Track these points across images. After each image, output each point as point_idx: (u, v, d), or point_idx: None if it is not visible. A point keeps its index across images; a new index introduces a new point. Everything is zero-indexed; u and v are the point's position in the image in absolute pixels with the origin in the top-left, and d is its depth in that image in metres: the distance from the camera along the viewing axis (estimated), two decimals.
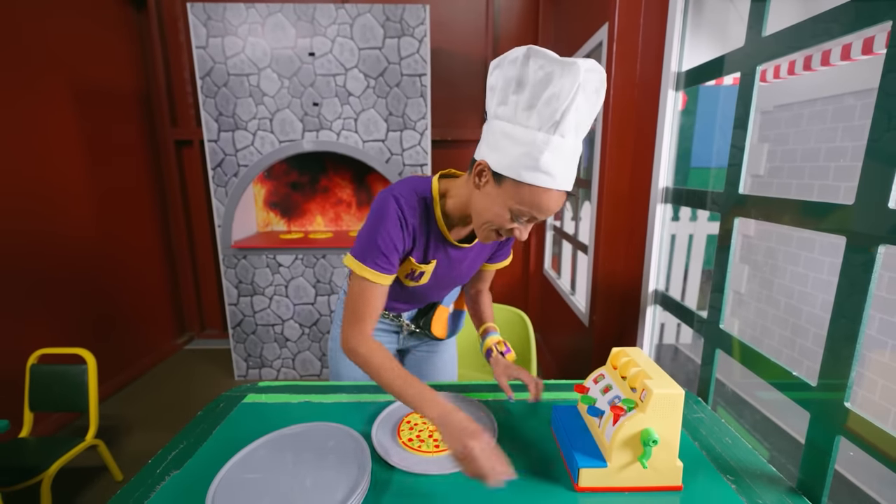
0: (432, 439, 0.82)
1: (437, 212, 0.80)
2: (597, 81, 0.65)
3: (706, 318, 1.03)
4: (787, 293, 2.47)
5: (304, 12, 2.11)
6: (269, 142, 2.24)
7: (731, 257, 0.94)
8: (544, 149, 0.64)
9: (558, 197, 0.68)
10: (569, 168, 0.67)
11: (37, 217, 1.96)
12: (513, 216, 0.70)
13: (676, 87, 1.16)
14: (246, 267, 2.34)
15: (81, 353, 1.60)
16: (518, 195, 0.68)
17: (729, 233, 0.93)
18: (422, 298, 0.99)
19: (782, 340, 2.51)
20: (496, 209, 0.71)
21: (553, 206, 0.68)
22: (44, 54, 1.99)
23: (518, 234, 0.73)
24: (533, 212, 0.69)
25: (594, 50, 1.74)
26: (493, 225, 0.73)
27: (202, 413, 0.96)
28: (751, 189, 2.89)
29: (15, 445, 1.50)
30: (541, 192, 0.67)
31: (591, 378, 0.86)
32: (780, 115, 2.53)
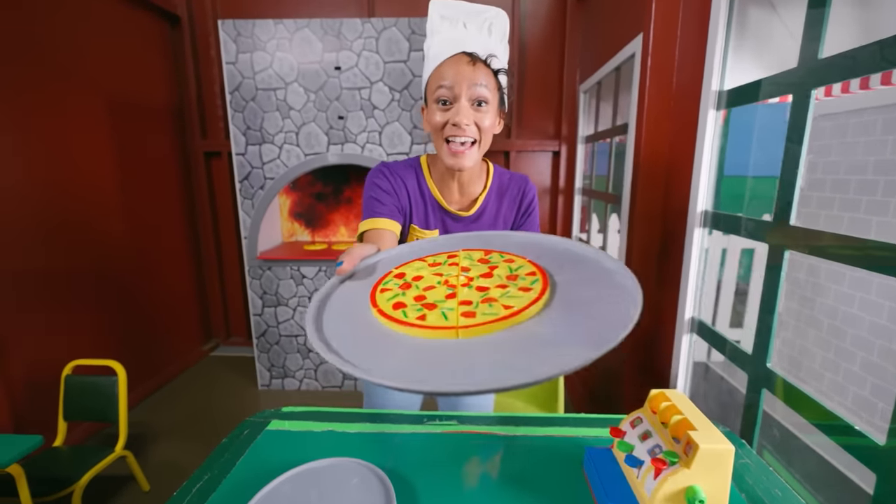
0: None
1: (427, 175, 0.85)
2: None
3: (751, 354, 0.96)
4: (830, 313, 2.34)
5: (331, 27, 2.12)
6: (295, 155, 2.26)
7: (780, 291, 0.88)
8: (430, 49, 0.76)
9: (455, 60, 0.73)
10: (455, 41, 0.73)
11: (72, 227, 2.03)
12: (437, 105, 0.74)
13: (717, 107, 1.10)
14: (270, 278, 2.37)
15: (113, 364, 1.64)
16: (430, 89, 0.76)
17: (778, 267, 0.87)
18: None
19: (825, 363, 2.37)
20: (430, 117, 0.76)
21: (453, 69, 0.72)
22: (81, 69, 2.07)
23: (452, 119, 0.73)
24: (440, 83, 0.73)
25: (626, 61, 1.69)
26: (437, 131, 0.76)
27: (227, 441, 0.95)
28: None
29: (49, 455, 1.54)
30: (437, 71, 0.74)
31: (628, 421, 0.81)
32: (823, 125, 2.40)
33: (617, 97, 1.91)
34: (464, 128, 0.72)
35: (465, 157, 0.75)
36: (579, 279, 0.55)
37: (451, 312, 0.49)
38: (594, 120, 2.37)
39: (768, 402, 0.93)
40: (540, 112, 2.74)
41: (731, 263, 2.77)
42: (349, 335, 0.49)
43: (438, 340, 0.46)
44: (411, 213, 0.85)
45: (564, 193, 2.79)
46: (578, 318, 0.46)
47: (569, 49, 2.60)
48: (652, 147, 1.39)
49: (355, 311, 0.54)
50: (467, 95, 0.72)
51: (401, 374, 0.40)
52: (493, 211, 0.89)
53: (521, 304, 0.49)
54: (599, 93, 2.21)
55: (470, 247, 0.70)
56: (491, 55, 0.75)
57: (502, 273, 0.59)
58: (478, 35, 0.75)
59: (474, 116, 0.73)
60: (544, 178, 2.83)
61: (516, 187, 0.89)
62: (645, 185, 1.41)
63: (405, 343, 0.46)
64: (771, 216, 0.88)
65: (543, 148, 2.74)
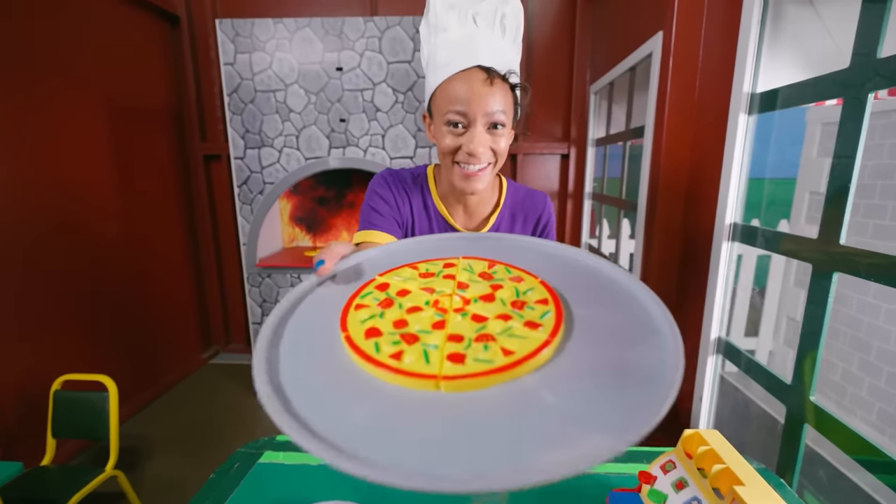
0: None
1: (432, 189, 0.77)
2: None
3: (790, 384, 0.87)
4: (853, 324, 2.23)
5: (333, 26, 2.04)
6: (296, 159, 2.19)
7: (828, 316, 0.79)
8: (436, 51, 0.66)
9: (468, 76, 0.63)
10: (467, 50, 0.63)
11: (65, 231, 1.96)
12: (448, 128, 0.65)
13: (749, 111, 1.01)
14: (270, 286, 2.30)
15: (103, 380, 1.56)
16: (438, 105, 0.66)
17: (825, 290, 0.78)
18: None
19: (846, 376, 2.27)
20: (439, 137, 0.67)
21: (466, 87, 0.63)
22: (78, 69, 2.00)
23: (466, 147, 0.65)
24: (453, 106, 0.64)
25: (641, 62, 1.60)
26: (447, 155, 0.67)
27: (214, 477, 0.87)
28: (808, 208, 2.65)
29: (36, 475, 1.47)
30: (449, 84, 0.64)
31: (658, 464, 0.73)
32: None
33: (631, 99, 1.82)
34: (479, 156, 0.65)
35: (479, 181, 0.68)
36: (604, 317, 0.43)
37: (435, 352, 0.38)
38: (605, 122, 2.28)
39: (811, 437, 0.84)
40: (548, 114, 2.65)
41: (747, 270, 2.67)
42: (308, 370, 0.38)
43: (415, 392, 0.35)
44: (413, 229, 0.77)
45: (573, 198, 2.70)
46: (600, 381, 0.35)
47: (578, 48, 2.51)
48: (672, 153, 1.30)
49: (323, 335, 0.43)
50: (483, 121, 0.64)
51: (362, 445, 0.30)
52: (507, 231, 0.80)
53: (524, 350, 0.38)
54: (612, 94, 2.12)
55: (474, 254, 0.58)
56: (510, 71, 0.66)
57: (506, 296, 0.47)
58: (490, 34, 0.65)
59: (490, 141, 0.65)
60: (552, 182, 2.75)
61: (532, 206, 0.80)
62: (665, 194, 1.32)
63: (374, 392, 0.35)
64: (788, 222, 0.79)
65: (552, 151, 2.66)
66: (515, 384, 0.35)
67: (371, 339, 0.41)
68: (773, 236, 0.94)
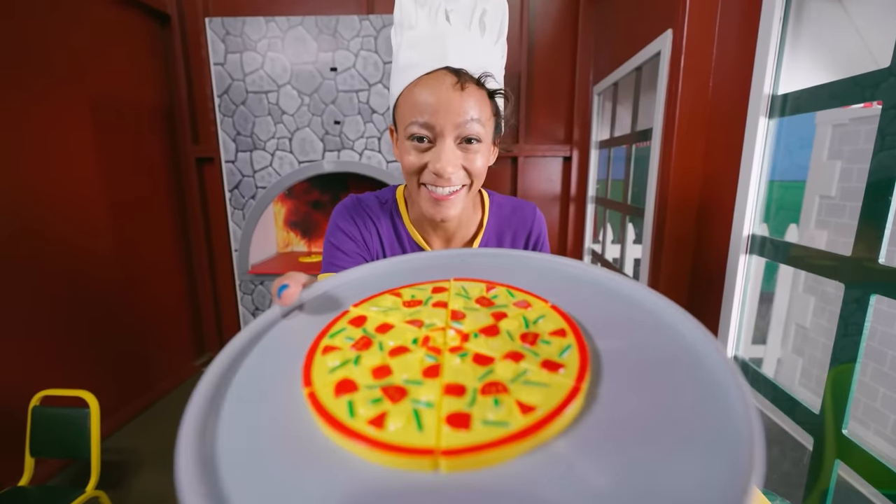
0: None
1: (403, 213, 0.67)
2: None
3: (818, 413, 0.80)
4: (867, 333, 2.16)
5: (327, 25, 1.97)
6: (289, 162, 2.11)
7: (863, 342, 0.72)
8: (399, 50, 0.57)
9: (433, 80, 0.53)
10: (434, 48, 0.53)
11: (54, 234, 1.89)
12: (412, 143, 0.55)
13: (770, 115, 0.94)
14: (263, 293, 2.22)
15: (84, 395, 1.49)
16: (403, 115, 0.56)
17: (861, 313, 0.70)
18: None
19: (860, 388, 2.20)
20: (402, 154, 0.57)
21: (433, 95, 0.52)
22: (65, 69, 1.93)
23: (433, 166, 0.54)
24: (417, 117, 0.53)
25: (649, 61, 1.52)
26: (412, 175, 0.57)
27: None
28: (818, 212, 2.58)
29: (12, 496, 1.40)
30: (412, 90, 0.54)
31: None
32: (858, 129, 2.22)
33: (637, 100, 1.74)
34: (448, 177, 0.54)
35: (450, 206, 0.57)
36: (637, 349, 0.34)
37: (430, 413, 0.28)
38: (609, 124, 2.21)
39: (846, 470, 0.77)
40: (550, 115, 2.57)
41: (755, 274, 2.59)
42: (256, 438, 0.28)
43: (405, 474, 0.25)
44: (384, 257, 0.68)
45: (576, 201, 2.62)
46: (655, 442, 0.25)
47: (581, 47, 2.44)
48: (684, 158, 1.23)
49: (283, 387, 0.33)
50: (453, 134, 0.53)
51: None
52: None
53: (549, 404, 0.27)
54: (616, 95, 2.04)
55: (467, 274, 0.47)
56: (486, 73, 0.55)
57: (514, 328, 0.37)
58: (466, 33, 0.55)
59: (462, 159, 0.55)
60: (554, 185, 2.67)
61: (521, 221, 0.71)
62: (676, 201, 1.24)
63: (346, 474, 0.25)
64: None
65: (554, 153, 2.58)
66: (543, 455, 0.25)
67: (343, 395, 0.30)
68: (796, 251, 0.86)
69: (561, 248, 2.71)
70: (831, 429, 0.77)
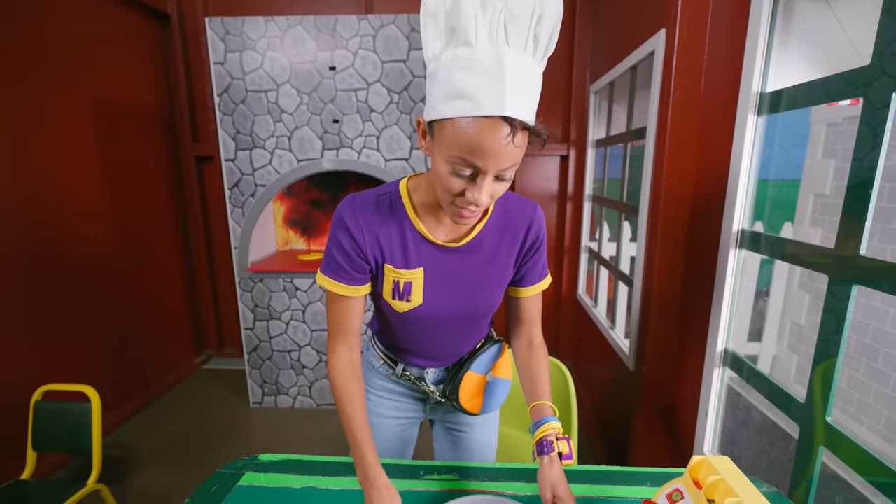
0: None
1: (407, 204, 0.71)
2: None
3: (803, 402, 0.82)
4: (859, 330, 2.18)
5: (325, 24, 1.99)
6: (288, 160, 2.13)
7: (846, 332, 0.74)
8: (453, 67, 0.53)
9: (489, 127, 0.52)
10: (493, 87, 0.51)
11: (56, 232, 1.91)
12: (453, 171, 0.57)
13: (759, 112, 0.96)
14: (262, 290, 2.24)
15: (86, 390, 1.51)
16: (446, 139, 0.56)
17: (842, 303, 0.72)
18: (436, 344, 0.82)
19: (852, 383, 2.22)
20: (438, 168, 0.59)
21: (486, 141, 0.53)
22: (66, 69, 1.95)
23: (471, 196, 0.58)
24: (464, 155, 0.55)
25: (643, 60, 1.54)
26: (446, 193, 0.61)
27: (190, 501, 0.82)
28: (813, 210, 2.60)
29: (15, 489, 1.41)
30: (464, 125, 0.53)
31: (665, 493, 0.68)
32: (851, 128, 2.24)
33: (632, 99, 1.76)
34: (483, 206, 0.60)
35: (473, 219, 0.65)
36: None
37: None
38: (606, 123, 2.23)
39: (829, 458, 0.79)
40: (547, 114, 2.60)
41: (750, 272, 2.62)
42: None
43: None
44: (384, 258, 0.72)
45: (573, 200, 2.65)
46: None
47: (578, 47, 2.46)
48: (676, 155, 1.25)
49: None
50: (494, 173, 0.57)
51: None
52: (493, 242, 0.75)
53: None
54: (612, 94, 2.06)
55: None
56: (534, 126, 0.57)
57: None
58: (521, 58, 0.53)
59: (493, 190, 0.60)
60: (552, 184, 2.69)
61: (521, 219, 0.75)
62: (669, 197, 1.26)
63: None
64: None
65: (551, 152, 2.60)
66: None
67: None
68: (782, 244, 0.89)
69: (558, 245, 2.73)
70: (815, 417, 0.79)
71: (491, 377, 0.88)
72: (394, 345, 0.86)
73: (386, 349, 0.89)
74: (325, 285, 0.73)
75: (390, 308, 0.76)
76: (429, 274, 0.73)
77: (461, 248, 0.73)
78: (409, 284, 0.72)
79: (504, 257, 0.76)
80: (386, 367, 0.89)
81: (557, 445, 0.70)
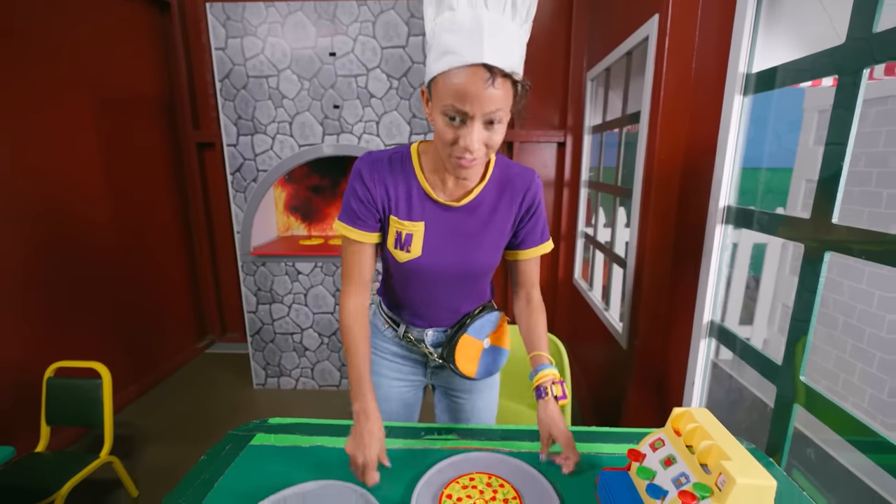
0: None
1: (416, 163, 0.79)
2: None
3: (780, 364, 0.87)
4: (846, 311, 2.25)
5: (325, 10, 2.01)
6: (289, 146, 2.16)
7: (818, 296, 0.79)
8: (440, 31, 0.63)
9: (471, 74, 0.61)
10: (473, 40, 0.60)
11: (59, 221, 1.95)
12: (446, 121, 0.65)
13: (745, 92, 1.00)
14: (265, 274, 2.29)
15: (96, 366, 1.56)
16: (439, 92, 0.65)
17: (816, 272, 0.77)
18: (434, 301, 0.87)
19: (839, 363, 2.29)
20: (436, 123, 0.67)
21: (469, 87, 0.61)
22: (67, 56, 1.97)
23: (462, 142, 0.65)
24: (453, 101, 0.63)
25: (639, 45, 1.58)
26: (444, 145, 0.68)
27: (205, 458, 0.87)
28: (805, 195, 2.65)
29: (30, 461, 1.47)
30: (451, 76, 0.62)
31: (648, 442, 0.73)
32: None
33: (627, 84, 1.80)
34: (474, 151, 0.66)
35: (472, 170, 0.71)
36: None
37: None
38: (602, 109, 2.26)
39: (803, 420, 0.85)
40: (545, 101, 2.63)
41: (743, 257, 2.67)
42: None
43: None
44: (391, 208, 0.79)
45: (570, 186, 2.69)
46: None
47: (575, 34, 2.48)
48: (668, 137, 1.29)
49: None
50: (482, 118, 0.64)
51: None
52: (491, 204, 0.80)
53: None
54: (608, 80, 2.10)
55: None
56: (513, 71, 0.64)
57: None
58: (500, 18, 0.62)
59: (485, 137, 0.66)
60: (549, 170, 2.73)
61: (520, 183, 0.81)
62: (660, 177, 1.31)
63: None
64: (784, 210, 0.79)
65: (548, 139, 2.64)
66: None
67: None
68: (766, 218, 0.93)
69: (555, 231, 2.78)
70: (790, 378, 0.85)
71: (488, 344, 0.93)
72: (397, 303, 0.91)
73: (390, 311, 0.94)
74: (342, 231, 0.81)
75: (392, 258, 0.82)
76: (429, 228, 0.79)
77: (461, 208, 0.79)
78: (410, 236, 0.78)
79: (501, 219, 0.81)
80: (390, 330, 0.94)
81: (551, 389, 0.79)
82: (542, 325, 0.88)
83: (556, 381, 0.80)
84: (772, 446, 0.89)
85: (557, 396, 0.79)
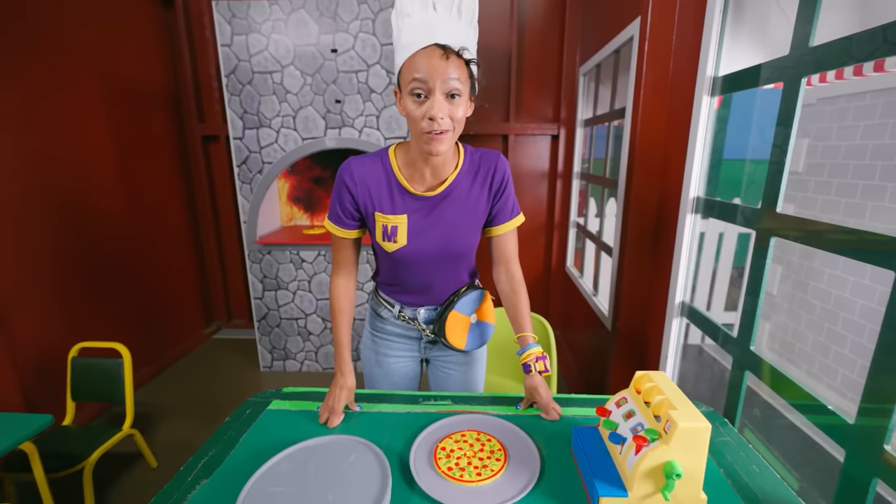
0: (472, 466, 0.78)
1: (393, 162, 0.89)
2: None
3: (735, 337, 0.99)
4: (823, 297, 2.37)
5: (327, 8, 2.09)
6: (293, 139, 2.26)
7: (766, 276, 0.90)
8: (402, 33, 0.78)
9: (428, 53, 0.74)
10: (427, 30, 0.74)
11: (79, 211, 2.05)
12: (413, 100, 0.77)
13: (712, 93, 1.10)
14: (270, 262, 2.40)
15: (118, 347, 1.68)
16: (404, 78, 0.77)
17: (764, 252, 0.89)
18: (423, 282, 0.98)
19: (816, 346, 2.42)
20: (406, 107, 0.78)
21: (426, 64, 0.74)
22: (74, 51, 2.04)
23: (428, 112, 0.76)
24: (415, 76, 0.75)
25: (624, 45, 1.67)
26: (415, 123, 0.78)
27: (230, 420, 0.99)
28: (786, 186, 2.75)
29: (59, 434, 1.59)
30: (413, 60, 0.75)
31: (614, 401, 0.85)
32: (824, 109, 2.38)
33: (616, 80, 1.89)
34: (439, 121, 0.76)
35: (441, 143, 0.79)
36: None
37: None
38: (593, 103, 2.36)
39: (756, 383, 0.97)
40: (539, 95, 2.71)
41: (728, 247, 2.79)
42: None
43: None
44: (374, 206, 0.90)
45: (563, 178, 2.79)
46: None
47: (569, 30, 2.56)
48: (648, 132, 1.39)
49: None
50: (441, 89, 0.75)
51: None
52: (465, 190, 0.90)
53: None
54: (599, 75, 2.19)
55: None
56: (463, 47, 0.77)
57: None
58: (447, 19, 0.76)
59: (448, 109, 0.76)
60: (543, 163, 2.83)
61: (487, 165, 0.91)
62: (641, 170, 1.41)
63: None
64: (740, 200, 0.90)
65: (542, 132, 2.73)
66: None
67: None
68: (726, 208, 1.04)
69: (549, 222, 2.89)
70: (744, 348, 0.96)
71: (475, 319, 1.05)
72: (391, 285, 1.03)
73: (386, 295, 1.05)
74: (330, 229, 0.95)
75: (382, 249, 0.94)
76: (411, 219, 0.90)
77: (436, 197, 0.89)
78: (395, 228, 0.90)
79: (475, 200, 0.91)
80: (387, 311, 1.05)
81: (535, 366, 0.92)
82: (525, 306, 0.99)
83: (539, 356, 0.93)
84: (728, 409, 1.01)
85: (541, 371, 0.92)
